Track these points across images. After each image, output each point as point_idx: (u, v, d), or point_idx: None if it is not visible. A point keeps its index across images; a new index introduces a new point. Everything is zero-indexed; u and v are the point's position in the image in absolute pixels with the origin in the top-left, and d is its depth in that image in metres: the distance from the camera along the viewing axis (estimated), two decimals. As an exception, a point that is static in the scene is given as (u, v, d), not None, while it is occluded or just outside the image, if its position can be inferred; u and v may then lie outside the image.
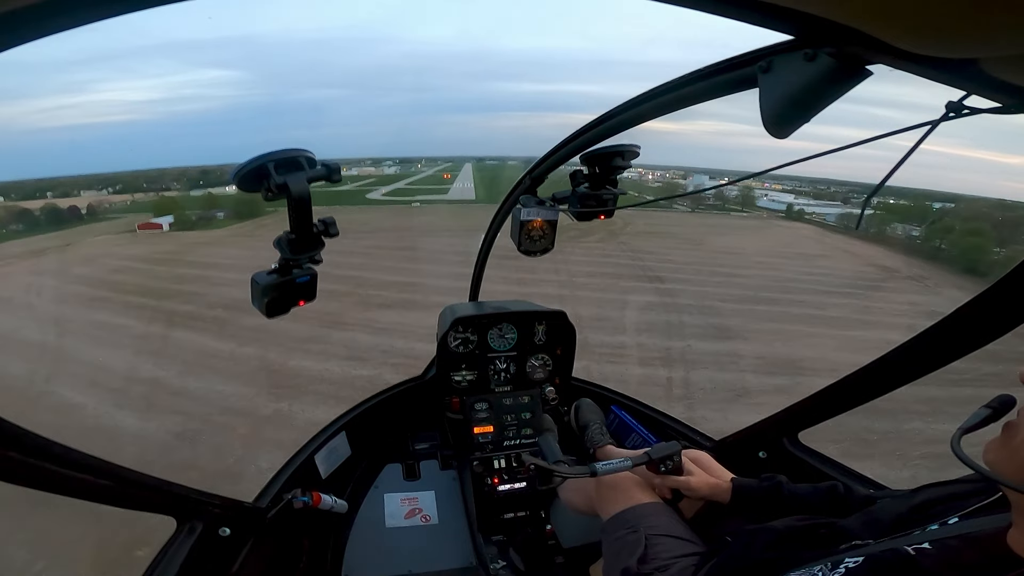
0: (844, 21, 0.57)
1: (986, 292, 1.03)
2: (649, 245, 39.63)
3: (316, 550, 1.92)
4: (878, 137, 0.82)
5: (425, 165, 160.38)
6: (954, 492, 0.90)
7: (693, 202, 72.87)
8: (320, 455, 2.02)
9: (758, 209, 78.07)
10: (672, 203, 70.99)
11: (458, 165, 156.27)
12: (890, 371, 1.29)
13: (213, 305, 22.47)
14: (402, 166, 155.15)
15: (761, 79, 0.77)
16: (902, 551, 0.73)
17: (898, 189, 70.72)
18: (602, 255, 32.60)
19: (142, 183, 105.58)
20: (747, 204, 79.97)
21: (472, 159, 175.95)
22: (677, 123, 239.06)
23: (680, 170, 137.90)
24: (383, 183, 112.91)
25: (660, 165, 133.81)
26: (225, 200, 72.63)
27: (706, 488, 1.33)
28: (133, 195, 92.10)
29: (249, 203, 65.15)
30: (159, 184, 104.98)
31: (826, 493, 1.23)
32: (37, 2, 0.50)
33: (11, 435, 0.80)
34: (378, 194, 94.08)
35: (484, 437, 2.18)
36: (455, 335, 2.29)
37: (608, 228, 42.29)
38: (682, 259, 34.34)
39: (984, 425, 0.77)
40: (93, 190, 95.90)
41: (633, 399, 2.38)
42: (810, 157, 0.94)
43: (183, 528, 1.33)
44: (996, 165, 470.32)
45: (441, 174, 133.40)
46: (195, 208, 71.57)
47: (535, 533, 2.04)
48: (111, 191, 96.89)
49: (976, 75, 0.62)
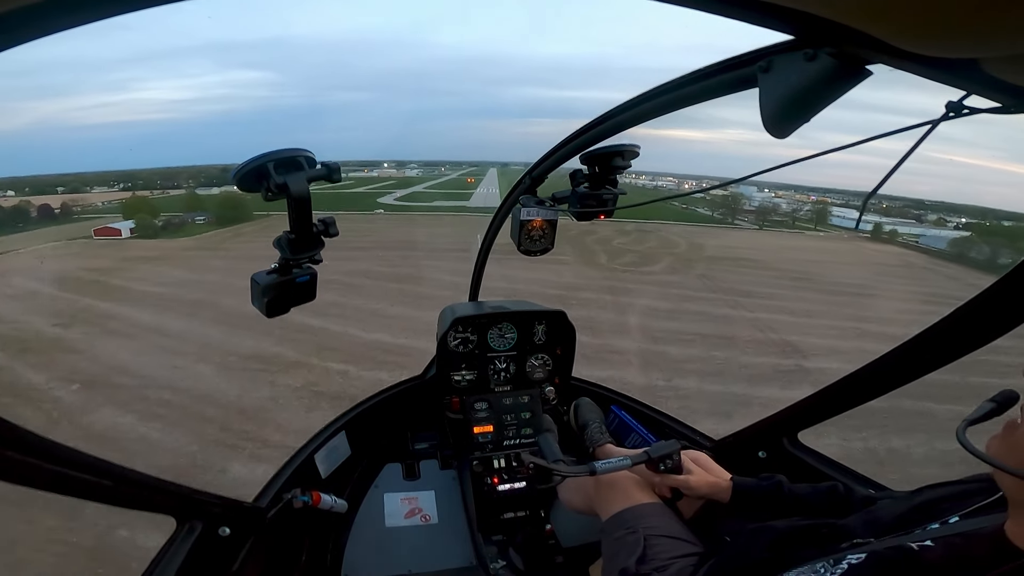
0: (844, 21, 0.56)
1: (986, 292, 1.03)
2: (740, 279, 28.19)
3: (316, 550, 1.92)
4: (878, 137, 0.82)
5: (449, 169, 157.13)
6: (954, 492, 0.91)
7: (758, 218, 68.60)
8: (320, 455, 2.02)
9: (832, 227, 71.21)
10: (733, 218, 67.59)
11: (483, 170, 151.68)
12: (890, 371, 1.29)
13: (69, 378, 14.49)
14: (425, 169, 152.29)
15: (761, 79, 0.77)
16: (905, 547, 0.73)
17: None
18: (681, 294, 23.24)
19: (156, 181, 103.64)
20: (820, 222, 73.19)
21: (498, 164, 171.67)
22: (703, 131, 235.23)
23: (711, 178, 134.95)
24: (402, 186, 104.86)
25: (692, 175, 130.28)
26: (209, 201, 66.81)
27: (705, 487, 1.33)
28: (134, 193, 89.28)
29: (236, 205, 60.61)
30: (172, 182, 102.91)
31: (826, 493, 1.23)
32: (37, 2, 0.50)
33: (11, 435, 0.80)
34: (392, 198, 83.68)
35: (484, 437, 2.18)
36: (455, 335, 2.29)
37: (673, 252, 35.80)
38: (797, 302, 23.23)
39: (988, 418, 0.80)
40: (105, 187, 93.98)
41: (633, 399, 2.38)
42: (809, 157, 0.93)
43: (183, 528, 1.33)
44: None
45: (465, 178, 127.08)
46: (174, 210, 64.78)
47: (535, 533, 2.04)
48: (120, 188, 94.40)
49: (976, 75, 0.62)
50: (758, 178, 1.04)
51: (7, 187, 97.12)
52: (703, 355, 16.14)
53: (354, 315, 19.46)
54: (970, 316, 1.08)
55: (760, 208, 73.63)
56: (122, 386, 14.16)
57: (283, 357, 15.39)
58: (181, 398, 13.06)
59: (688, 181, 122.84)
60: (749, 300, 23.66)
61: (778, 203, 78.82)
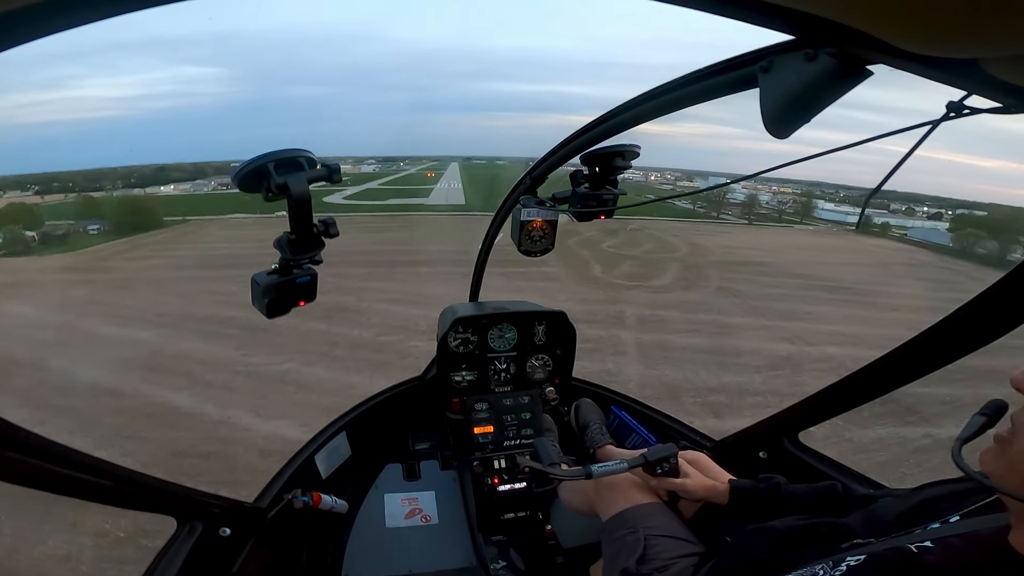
0: (844, 21, 0.56)
1: (986, 292, 1.03)
2: (766, 291, 22.48)
3: (316, 550, 1.93)
4: (878, 137, 0.82)
5: (408, 164, 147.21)
6: (954, 491, 0.91)
7: (744, 212, 66.32)
8: (320, 455, 2.02)
9: (819, 220, 68.33)
10: (718, 213, 65.54)
11: (444, 164, 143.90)
12: (890, 371, 1.29)
13: None
14: (383, 165, 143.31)
15: (761, 79, 0.77)
16: (905, 549, 0.73)
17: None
18: (713, 321, 17.09)
19: (70, 183, 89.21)
20: (805, 215, 71.00)
21: (459, 158, 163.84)
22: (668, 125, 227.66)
23: (681, 172, 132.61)
24: (357, 182, 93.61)
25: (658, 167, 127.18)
26: (107, 205, 53.98)
27: (702, 490, 1.33)
28: (43, 197, 75.19)
29: (138, 210, 51.26)
30: (97, 183, 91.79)
31: (824, 493, 1.23)
32: (36, 2, 0.50)
33: (11, 435, 0.80)
34: (340, 197, 69.59)
35: (484, 437, 2.18)
36: (455, 335, 2.29)
37: (675, 257, 29.39)
38: (854, 324, 17.57)
39: (981, 433, 0.78)
40: (17, 190, 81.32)
41: (633, 399, 2.38)
42: (809, 157, 0.93)
43: (183, 528, 1.33)
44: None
45: (424, 173, 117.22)
46: (68, 217, 52.10)
47: (535, 533, 2.04)
48: (34, 192, 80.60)
49: (976, 75, 0.62)
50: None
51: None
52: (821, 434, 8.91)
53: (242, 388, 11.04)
54: (970, 316, 1.08)
55: (746, 202, 71.59)
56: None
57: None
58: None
59: (654, 173, 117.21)
60: (799, 324, 17.70)
61: (758, 196, 76.52)
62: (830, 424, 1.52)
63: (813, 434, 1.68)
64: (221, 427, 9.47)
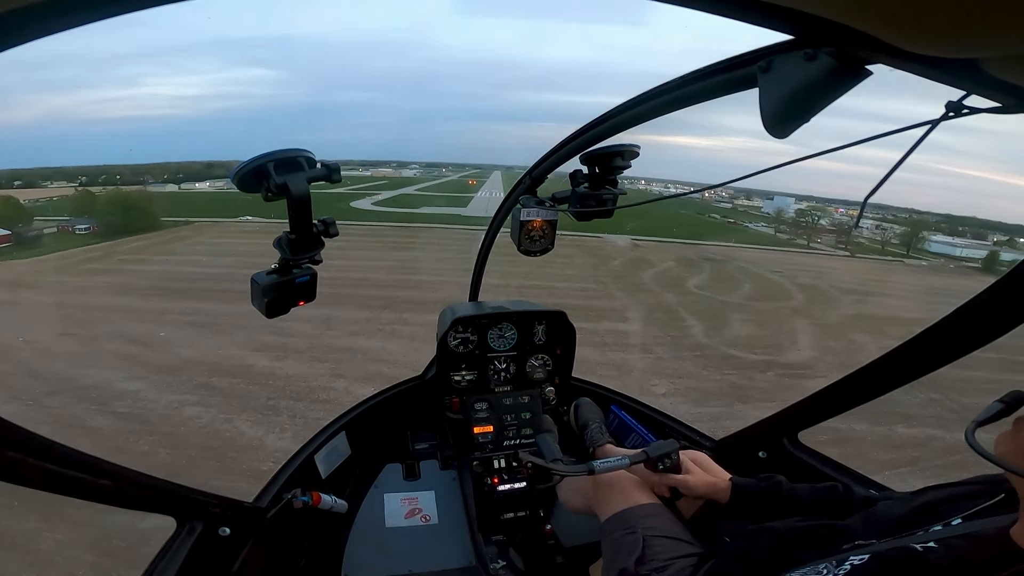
0: (844, 21, 0.56)
1: (986, 292, 1.03)
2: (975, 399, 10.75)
3: (316, 550, 1.93)
4: (877, 137, 0.82)
5: (451, 171, 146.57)
6: (956, 494, 0.90)
7: (838, 240, 56.20)
8: (320, 455, 2.02)
9: (929, 254, 54.88)
10: (810, 241, 55.52)
11: (486, 172, 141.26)
12: (890, 371, 1.29)
13: None
14: (426, 170, 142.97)
15: (761, 79, 0.77)
16: (909, 548, 0.73)
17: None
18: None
19: (129, 176, 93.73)
20: (913, 247, 56.24)
21: (502, 167, 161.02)
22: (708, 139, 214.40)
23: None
24: (392, 187, 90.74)
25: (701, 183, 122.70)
26: (103, 200, 51.19)
27: (704, 487, 1.33)
28: (76, 189, 75.70)
29: (127, 208, 48.30)
30: (140, 177, 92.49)
31: (825, 494, 1.23)
32: (38, 2, 0.50)
33: (11, 435, 0.80)
34: (370, 202, 66.33)
35: (484, 437, 2.18)
36: (455, 335, 2.29)
37: (810, 317, 19.72)
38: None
39: (997, 419, 0.80)
40: (63, 181, 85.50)
41: (633, 399, 2.38)
42: (808, 157, 0.93)
43: (183, 528, 1.33)
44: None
45: (465, 180, 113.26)
46: (62, 213, 50.54)
47: (535, 533, 2.04)
48: (79, 184, 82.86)
49: (976, 75, 0.62)
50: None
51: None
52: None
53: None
54: (970, 316, 1.08)
55: (840, 227, 59.37)
56: None
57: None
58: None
59: (678, 186, 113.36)
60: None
61: (846, 221, 64.21)
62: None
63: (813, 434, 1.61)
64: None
